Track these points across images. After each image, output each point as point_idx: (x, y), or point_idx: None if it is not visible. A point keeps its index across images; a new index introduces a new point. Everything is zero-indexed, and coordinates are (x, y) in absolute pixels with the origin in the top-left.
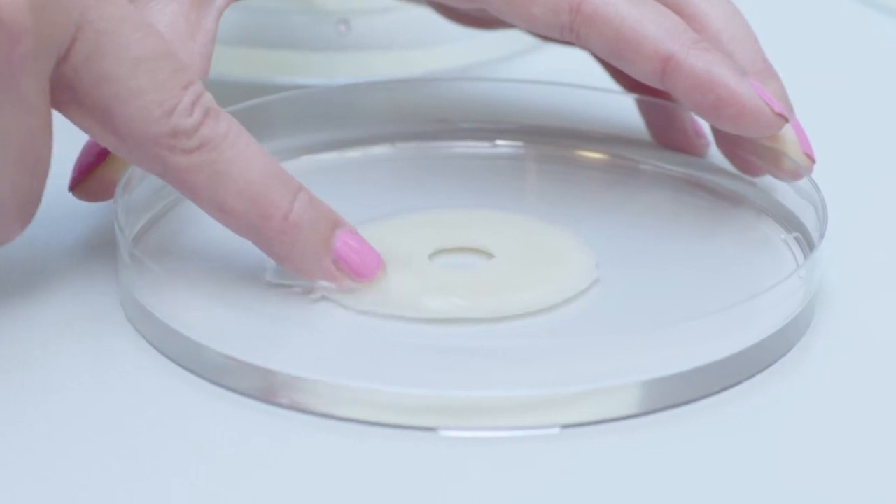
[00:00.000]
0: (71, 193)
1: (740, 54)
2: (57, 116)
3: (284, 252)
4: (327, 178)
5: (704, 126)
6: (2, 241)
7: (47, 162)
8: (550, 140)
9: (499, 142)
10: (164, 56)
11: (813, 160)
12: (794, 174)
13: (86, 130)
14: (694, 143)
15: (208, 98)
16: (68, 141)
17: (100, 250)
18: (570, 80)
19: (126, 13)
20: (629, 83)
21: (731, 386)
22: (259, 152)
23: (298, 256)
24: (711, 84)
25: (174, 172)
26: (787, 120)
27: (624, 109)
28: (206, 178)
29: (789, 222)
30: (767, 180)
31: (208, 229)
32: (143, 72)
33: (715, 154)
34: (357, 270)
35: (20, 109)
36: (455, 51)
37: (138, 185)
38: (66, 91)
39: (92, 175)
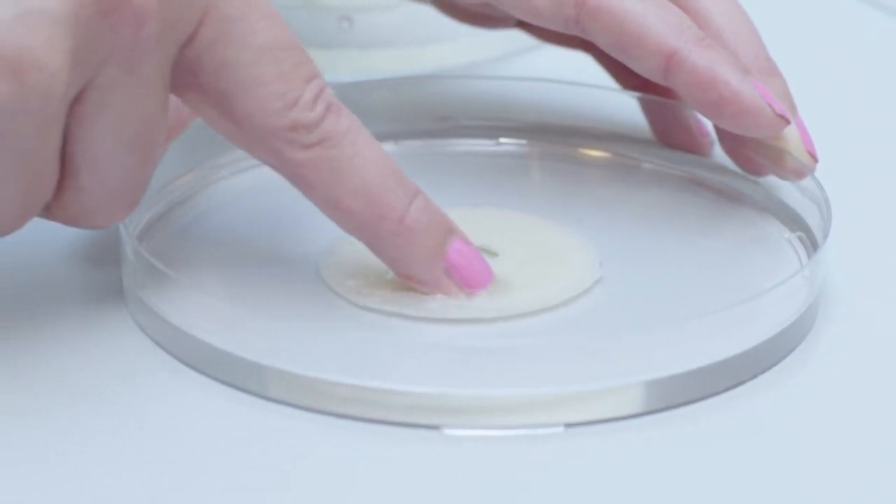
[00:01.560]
0: None
1: (743, 52)
2: None
3: (397, 255)
4: None
5: (708, 125)
6: (104, 226)
7: (159, 147)
8: (554, 138)
9: (502, 140)
10: (289, 47)
11: (816, 159)
12: (797, 173)
13: (203, 117)
14: (698, 141)
15: (330, 93)
16: None
17: (104, 247)
18: (574, 78)
19: (253, 0)
20: (631, 84)
21: (736, 385)
22: (378, 152)
23: (411, 260)
24: (713, 82)
25: (291, 166)
26: (788, 121)
27: (627, 108)
28: (323, 175)
29: (793, 221)
30: (771, 179)
31: (213, 227)
32: (267, 61)
33: (719, 153)
34: (467, 279)
35: (140, 92)
36: (459, 48)
37: None
38: (187, 76)
39: None
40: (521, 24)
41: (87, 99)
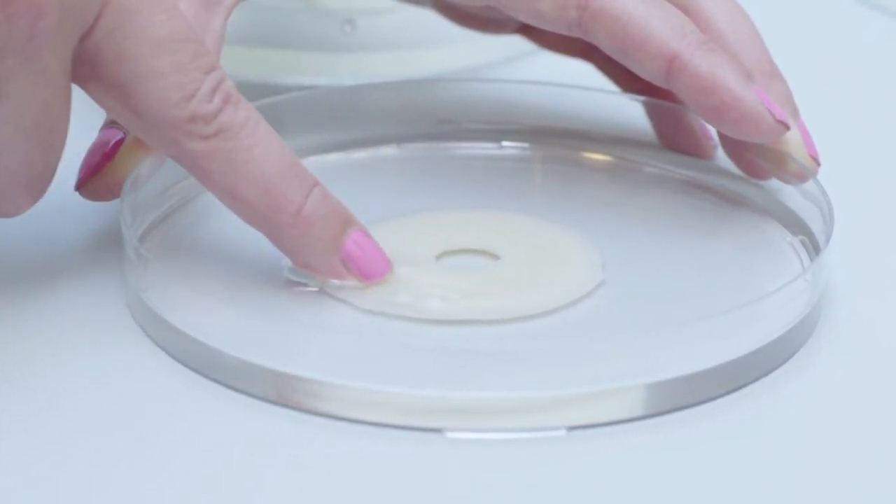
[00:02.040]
0: (77, 193)
1: (746, 55)
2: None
3: (294, 246)
4: (333, 178)
5: (712, 128)
6: (11, 214)
7: (63, 136)
8: (556, 141)
9: (505, 143)
10: (188, 39)
11: (818, 162)
12: (799, 176)
13: (104, 107)
14: (701, 144)
15: (229, 85)
16: (76, 140)
17: (106, 250)
18: (577, 81)
19: None
20: (632, 90)
21: (737, 388)
22: (276, 144)
23: (308, 252)
24: (715, 87)
25: (189, 157)
26: (788, 127)
27: (630, 111)
28: (220, 165)
29: (795, 225)
30: (773, 183)
31: (215, 229)
32: (166, 53)
33: (721, 156)
34: (364, 271)
35: (40, 82)
36: (461, 51)
37: (145, 185)
38: (87, 66)
39: (98, 175)
40: (522, 30)
41: None
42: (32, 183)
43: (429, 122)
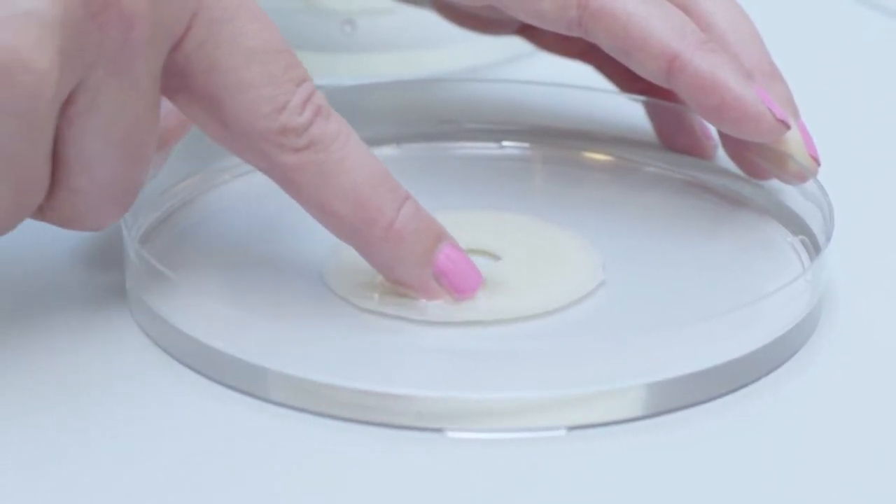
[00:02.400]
0: None
1: (746, 56)
2: None
3: (385, 260)
4: None
5: (712, 128)
6: (96, 228)
7: (152, 149)
8: (557, 141)
9: (505, 143)
10: (279, 50)
11: (818, 162)
12: (799, 177)
13: (194, 120)
14: (702, 145)
15: (320, 96)
16: None
17: (107, 250)
18: (577, 81)
19: (243, 3)
20: (632, 91)
21: (738, 388)
22: (368, 156)
23: (399, 266)
24: (715, 87)
25: (280, 170)
26: (788, 126)
27: (630, 111)
28: (311, 178)
29: (795, 225)
30: (773, 183)
31: (216, 230)
32: (257, 64)
33: (721, 157)
34: (456, 286)
35: (130, 94)
36: (461, 51)
37: (145, 186)
38: (177, 78)
39: None
40: (522, 31)
41: (76, 101)
42: (121, 197)
43: (429, 122)
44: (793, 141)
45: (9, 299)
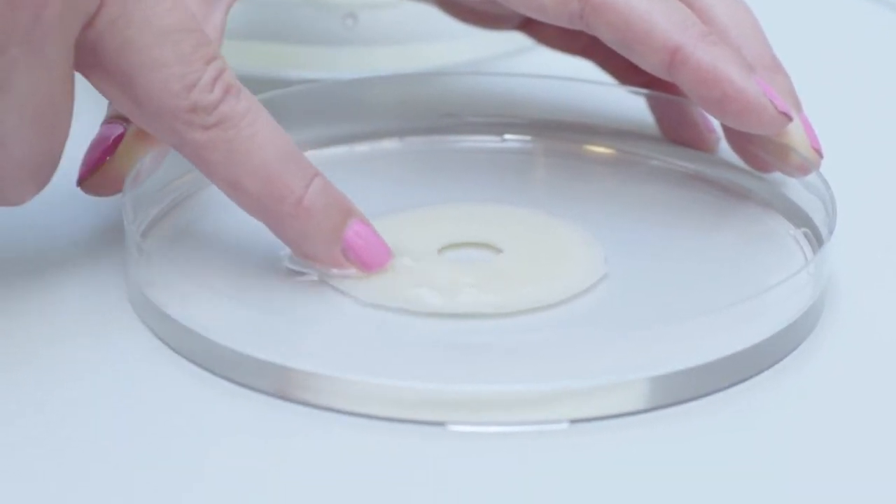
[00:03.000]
0: (79, 188)
1: (748, 49)
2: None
3: (294, 236)
4: (335, 172)
5: (715, 121)
6: (16, 202)
7: (67, 125)
8: (559, 135)
9: (507, 136)
10: (190, 29)
11: (821, 155)
12: (802, 169)
13: (106, 96)
14: (704, 137)
15: (230, 75)
16: (77, 135)
17: (108, 245)
18: (579, 74)
19: None
20: (633, 84)
21: (740, 382)
22: (278, 134)
23: (308, 242)
24: (717, 79)
25: (190, 147)
26: (790, 118)
27: (632, 104)
28: (221, 155)
29: (798, 218)
30: (776, 176)
31: (217, 223)
32: (168, 43)
33: (724, 149)
34: (365, 261)
35: (43, 71)
36: (463, 45)
37: (147, 179)
38: (89, 55)
39: (100, 170)
40: (523, 27)
41: None
42: (37, 172)
43: (431, 115)
44: (795, 133)
45: (9, 293)
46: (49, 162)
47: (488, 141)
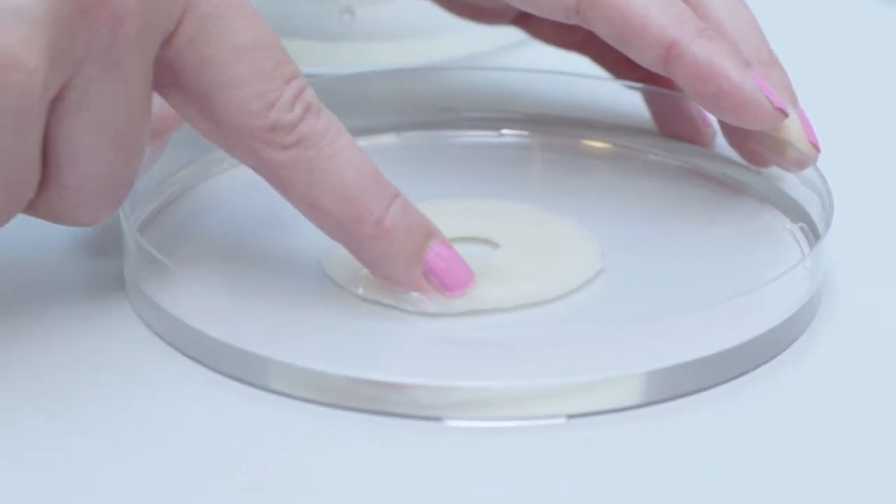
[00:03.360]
0: None
1: (744, 44)
2: None
3: (374, 258)
4: None
5: (711, 116)
6: (90, 223)
7: (143, 144)
8: (556, 129)
9: (504, 131)
10: (269, 46)
11: (818, 150)
12: (799, 164)
13: (183, 115)
14: (701, 132)
15: (310, 93)
16: None
17: (105, 240)
18: (576, 69)
19: None
20: (629, 79)
21: (737, 376)
22: (358, 154)
23: (389, 264)
24: (713, 74)
25: (268, 167)
26: (786, 114)
27: (629, 99)
28: (300, 175)
29: (795, 212)
30: (773, 171)
31: (215, 219)
32: (247, 60)
33: (721, 144)
34: (446, 283)
35: (121, 90)
36: (460, 40)
37: (144, 175)
38: (167, 74)
39: None
40: (518, 21)
41: (66, 97)
42: (112, 192)
43: (428, 110)
44: (792, 128)
45: (7, 288)
46: (125, 182)
47: (485, 136)
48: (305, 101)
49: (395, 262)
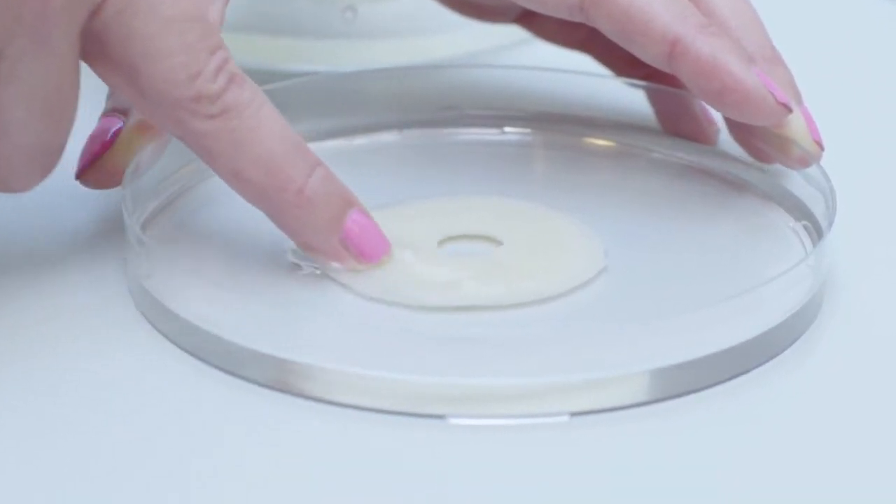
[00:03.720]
0: (78, 182)
1: (747, 41)
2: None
3: (295, 226)
4: (334, 165)
5: (715, 113)
6: (21, 189)
7: (73, 114)
8: (559, 127)
9: (507, 129)
10: (195, 18)
11: (821, 147)
12: (802, 161)
13: (111, 85)
14: (704, 130)
15: (234, 65)
16: (76, 130)
17: (108, 238)
18: (579, 67)
19: None
20: (632, 78)
21: (740, 374)
22: (280, 124)
23: (308, 231)
24: (716, 71)
25: (193, 136)
26: (790, 110)
27: (632, 97)
28: (224, 145)
29: (798, 210)
30: (776, 168)
31: (217, 216)
32: (173, 32)
33: (724, 142)
34: (363, 252)
35: (50, 61)
36: (462, 38)
37: (147, 172)
38: (95, 44)
39: (99, 163)
40: (521, 20)
41: None
42: (42, 160)
43: (430, 108)
44: (796, 125)
45: (9, 284)
46: (55, 151)
47: (488, 134)
48: (229, 72)
49: (314, 230)
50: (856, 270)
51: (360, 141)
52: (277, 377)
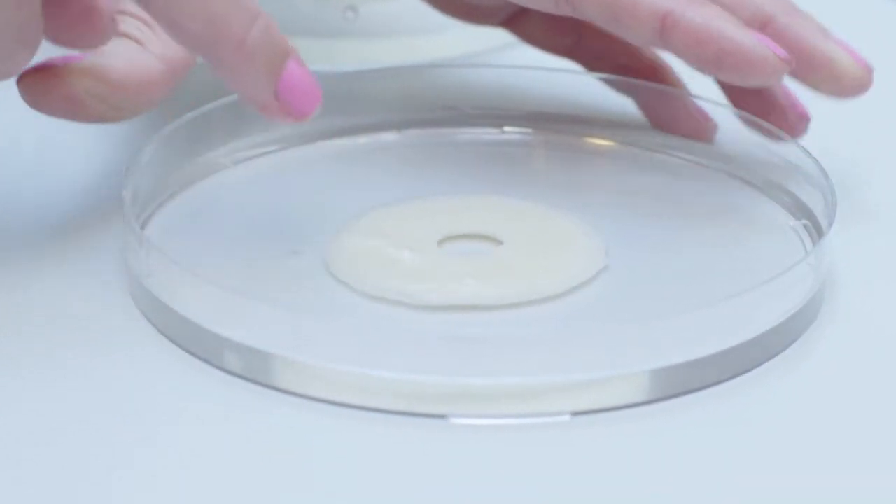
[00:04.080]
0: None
1: (756, 3)
2: None
3: (234, 75)
4: (335, 164)
5: (710, 110)
6: (13, 71)
7: None
8: (559, 126)
9: (507, 128)
10: None
11: (870, 70)
12: (793, 130)
13: None
14: (701, 127)
15: None
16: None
17: (108, 236)
18: (578, 67)
19: None
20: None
21: (740, 374)
22: None
23: (247, 81)
24: (711, 36)
25: None
26: (792, 64)
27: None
28: None
29: (798, 209)
30: (776, 167)
31: (217, 215)
32: None
33: (724, 140)
34: (295, 103)
35: None
36: (463, 37)
37: (146, 170)
38: None
39: (42, 72)
40: (509, 22)
41: None
42: (23, 36)
43: (431, 107)
44: (839, 57)
45: (9, 284)
46: (31, 24)
47: (488, 133)
48: None
49: (253, 80)
50: (856, 270)
51: (361, 140)
52: (278, 376)
